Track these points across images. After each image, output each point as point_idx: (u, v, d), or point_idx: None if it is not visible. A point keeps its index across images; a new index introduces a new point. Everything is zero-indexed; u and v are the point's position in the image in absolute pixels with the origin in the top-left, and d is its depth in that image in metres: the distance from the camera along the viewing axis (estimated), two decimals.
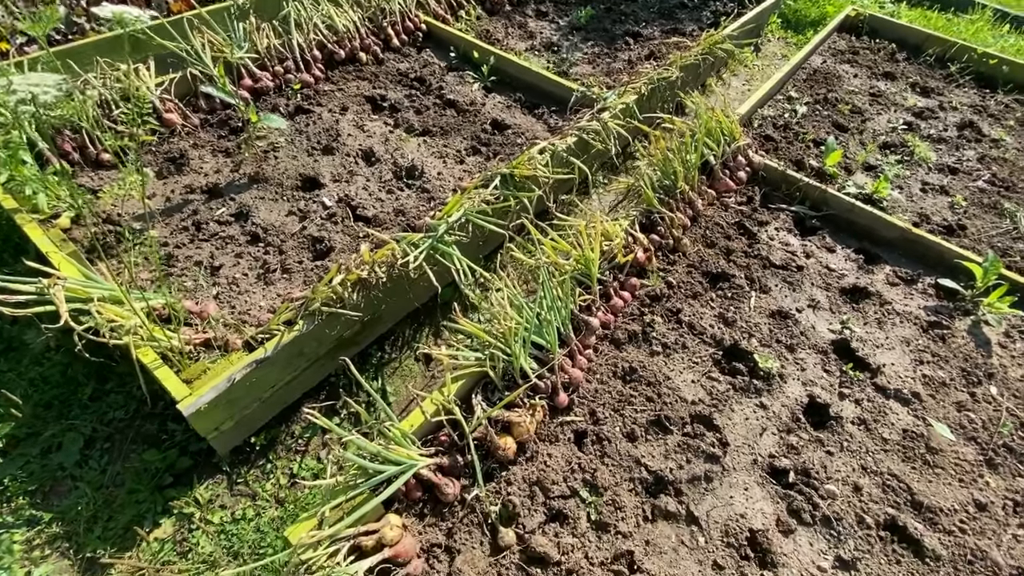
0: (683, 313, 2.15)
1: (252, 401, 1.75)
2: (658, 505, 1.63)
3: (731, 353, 2.06)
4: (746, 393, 1.94)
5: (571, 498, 1.61)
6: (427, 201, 2.53)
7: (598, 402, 1.85)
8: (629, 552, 1.53)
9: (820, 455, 1.80)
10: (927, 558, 1.57)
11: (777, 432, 1.85)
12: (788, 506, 1.67)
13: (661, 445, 1.78)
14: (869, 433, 1.87)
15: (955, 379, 2.04)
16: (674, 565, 1.53)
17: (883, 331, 2.20)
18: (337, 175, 2.61)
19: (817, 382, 2.00)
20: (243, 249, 2.25)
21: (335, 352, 1.97)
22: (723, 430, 1.82)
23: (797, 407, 1.92)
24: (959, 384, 2.03)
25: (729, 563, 1.54)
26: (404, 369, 2.18)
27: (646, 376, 1.93)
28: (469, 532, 1.51)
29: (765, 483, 1.72)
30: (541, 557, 1.46)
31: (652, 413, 1.84)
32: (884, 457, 1.80)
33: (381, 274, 1.88)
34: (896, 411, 1.94)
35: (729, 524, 1.62)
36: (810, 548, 1.59)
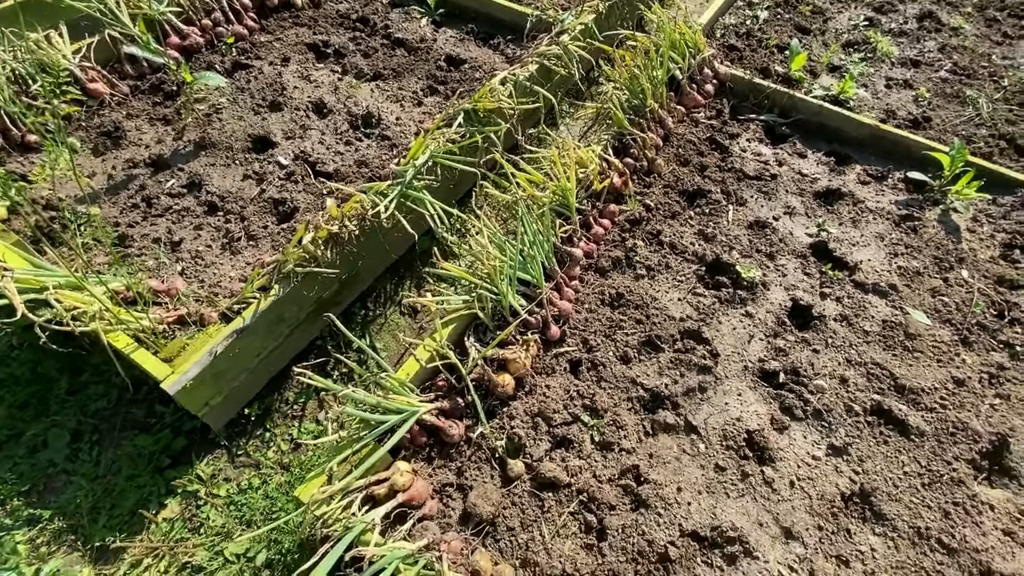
0: (663, 234, 2.14)
1: (239, 373, 1.70)
2: (657, 420, 1.67)
3: (714, 268, 2.08)
4: (731, 304, 1.97)
5: (573, 424, 1.64)
6: (389, 149, 2.41)
7: (589, 330, 1.86)
8: (634, 466, 1.58)
9: (807, 354, 1.85)
10: (912, 435, 1.66)
11: (764, 337, 1.89)
12: (780, 405, 1.73)
13: (654, 363, 1.81)
14: (851, 328, 1.93)
15: (928, 267, 2.10)
16: (678, 472, 1.59)
17: (858, 229, 2.24)
18: (289, 132, 2.45)
19: (798, 286, 2.04)
20: (202, 220, 2.12)
21: (316, 315, 1.91)
22: (712, 342, 1.86)
23: (781, 311, 1.96)
24: (932, 271, 2.09)
25: (730, 464, 1.61)
26: (390, 324, 2.14)
27: (633, 300, 1.94)
28: (479, 468, 1.53)
29: (757, 386, 1.78)
30: (551, 482, 1.49)
31: (643, 334, 1.86)
32: (867, 348, 1.87)
33: (353, 227, 1.80)
34: (875, 304, 1.99)
35: (726, 429, 1.67)
36: (804, 440, 1.67)
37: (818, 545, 1.48)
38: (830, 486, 1.58)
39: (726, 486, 1.57)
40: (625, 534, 1.45)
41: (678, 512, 1.51)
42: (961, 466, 1.61)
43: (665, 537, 1.46)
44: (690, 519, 1.50)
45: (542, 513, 1.47)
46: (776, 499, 1.55)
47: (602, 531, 1.46)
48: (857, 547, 1.48)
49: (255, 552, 1.55)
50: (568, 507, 1.48)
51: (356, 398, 1.34)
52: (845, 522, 1.51)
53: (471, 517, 1.41)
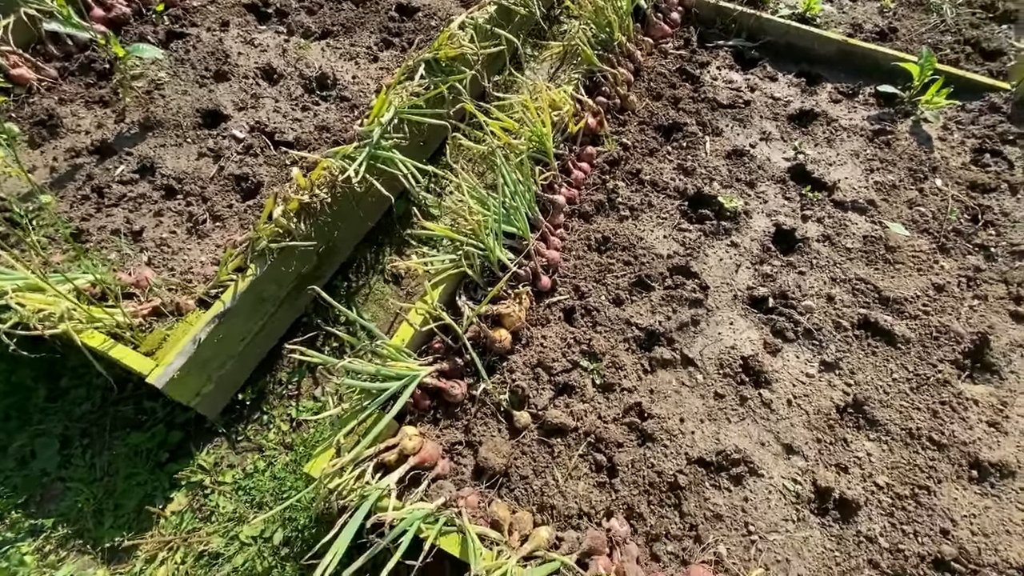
0: (643, 172, 2.10)
1: (226, 359, 1.65)
2: (654, 357, 1.69)
3: (696, 201, 2.06)
4: (716, 236, 1.97)
5: (573, 370, 1.64)
6: (350, 111, 2.29)
7: (579, 277, 1.84)
8: (637, 404, 1.60)
9: (793, 277, 1.88)
10: (899, 343, 1.72)
11: (751, 265, 1.91)
12: (772, 329, 1.76)
13: (646, 302, 1.81)
14: (834, 247, 1.95)
15: (903, 180, 2.13)
16: (679, 405, 1.62)
17: (833, 149, 2.23)
18: (240, 102, 2.30)
19: (780, 211, 2.05)
20: (161, 206, 2.00)
21: (299, 291, 1.85)
22: (701, 275, 1.86)
23: (765, 238, 1.96)
24: (907, 183, 2.12)
25: (728, 391, 1.64)
26: (376, 294, 2.09)
27: (620, 242, 1.92)
28: (485, 424, 1.53)
29: (748, 314, 1.80)
30: (558, 428, 1.51)
31: (632, 275, 1.85)
32: (850, 265, 1.90)
33: (324, 196, 1.72)
34: (855, 221, 2.02)
35: (722, 358, 1.70)
36: (797, 360, 1.71)
37: (818, 457, 1.54)
38: (825, 400, 1.63)
39: (726, 412, 1.61)
40: (635, 469, 1.48)
41: (683, 442, 1.55)
42: (946, 367, 1.67)
43: (673, 467, 1.50)
44: (695, 447, 1.54)
45: (553, 459, 1.49)
46: (775, 419, 1.60)
47: (612, 468, 1.49)
48: (854, 454, 1.54)
49: (271, 532, 1.55)
50: (577, 450, 1.50)
51: (355, 368, 1.30)
52: (841, 432, 1.57)
53: (484, 471, 1.42)
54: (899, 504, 1.46)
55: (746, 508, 1.45)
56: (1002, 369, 1.68)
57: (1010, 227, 1.98)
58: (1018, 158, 2.18)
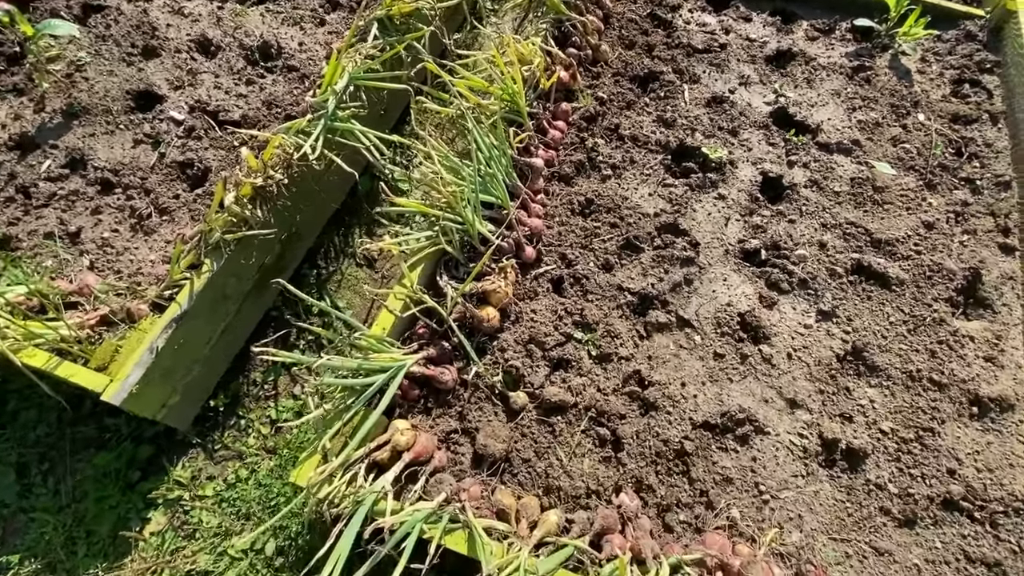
0: (622, 127, 1.98)
1: (190, 364, 1.51)
2: (649, 321, 1.62)
3: (679, 154, 1.96)
4: (702, 190, 1.88)
5: (567, 343, 1.56)
6: (300, 81, 2.09)
7: (565, 244, 1.74)
8: (636, 372, 1.54)
9: (783, 226, 1.81)
10: (893, 285, 1.68)
11: (740, 217, 1.83)
12: (766, 282, 1.71)
13: (637, 265, 1.73)
14: (822, 192, 1.89)
15: (886, 116, 2.06)
16: (679, 368, 1.56)
17: (813, 89, 2.15)
18: (176, 80, 2.08)
19: (765, 158, 1.97)
20: (98, 202, 1.81)
21: (263, 284, 1.70)
22: (690, 232, 1.78)
23: (753, 187, 1.89)
24: (891, 120, 2.06)
25: (728, 350, 1.59)
26: (348, 280, 1.95)
27: (604, 203, 1.81)
28: (480, 408, 1.44)
29: (741, 268, 1.74)
30: (557, 405, 1.43)
31: (620, 238, 1.76)
32: (840, 209, 1.85)
33: (280, 177, 1.56)
34: (841, 163, 1.95)
35: (719, 316, 1.64)
36: (794, 312, 1.66)
37: (822, 408, 1.51)
38: (824, 350, 1.59)
39: (727, 372, 1.56)
40: (640, 440, 1.43)
41: (686, 406, 1.49)
42: (940, 306, 1.65)
43: (679, 433, 1.45)
44: (699, 410, 1.49)
45: (554, 438, 1.42)
46: (776, 374, 1.56)
47: (617, 442, 1.43)
48: (857, 402, 1.52)
49: (262, 543, 1.45)
50: (579, 426, 1.43)
51: (333, 366, 1.19)
52: (843, 381, 1.54)
53: (484, 459, 1.34)
54: (905, 448, 1.45)
55: (755, 468, 1.42)
56: (995, 303, 1.67)
57: (993, 158, 1.95)
58: (996, 87, 2.13)
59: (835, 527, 1.36)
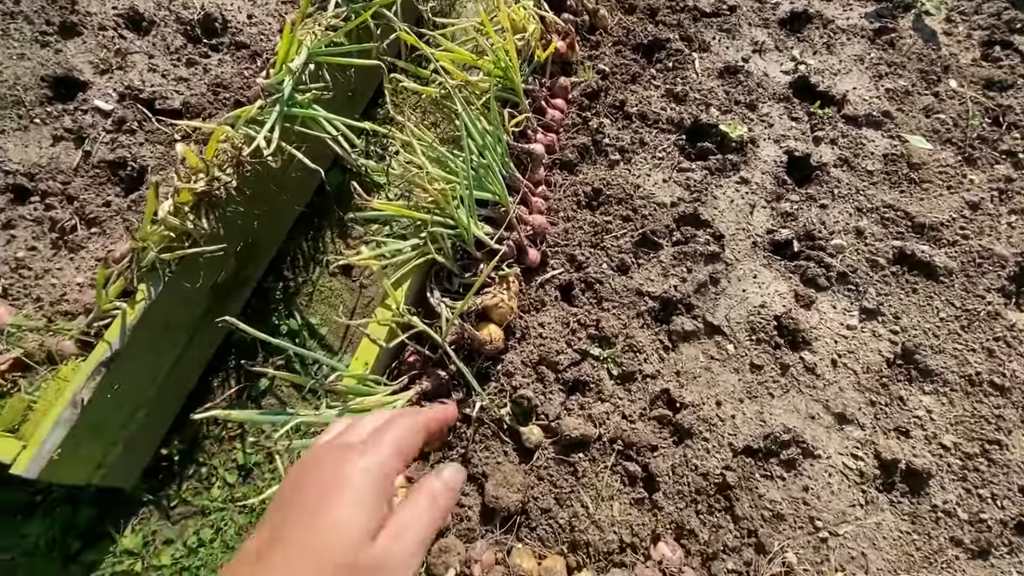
0: (628, 104, 1.74)
1: (132, 411, 1.25)
2: (674, 330, 1.40)
3: (694, 133, 1.73)
4: (723, 173, 1.66)
5: (583, 361, 1.34)
6: (251, 60, 1.78)
7: (572, 243, 1.50)
8: (663, 391, 1.33)
9: (815, 212, 1.61)
10: (940, 276, 1.50)
11: (767, 204, 1.62)
12: (801, 277, 1.51)
13: (655, 264, 1.50)
14: (853, 171, 1.68)
15: (916, 84, 1.86)
16: (712, 384, 1.36)
17: (834, 55, 1.93)
18: (101, 62, 1.75)
19: (789, 135, 1.75)
20: (10, 214, 1.50)
21: (220, 304, 1.43)
22: (713, 222, 1.56)
23: (778, 169, 1.67)
24: (921, 88, 1.85)
25: (765, 359, 1.39)
26: (322, 290, 1.69)
27: (614, 193, 1.58)
28: (487, 448, 1.22)
29: (772, 262, 1.53)
30: (578, 440, 1.22)
31: (635, 233, 1.53)
32: (875, 190, 1.65)
33: (227, 178, 1.28)
34: (871, 138, 1.75)
35: (752, 320, 1.44)
36: (835, 311, 1.47)
37: (875, 423, 1.33)
38: (872, 354, 1.40)
39: (767, 385, 1.36)
40: (676, 475, 1.22)
41: (724, 430, 1.29)
42: (994, 297, 1.47)
43: (718, 463, 1.25)
44: (739, 434, 1.29)
45: (577, 480, 1.20)
46: (822, 385, 1.36)
47: (650, 479, 1.22)
48: (913, 413, 1.34)
49: None
50: (605, 463, 1.22)
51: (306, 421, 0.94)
52: (895, 389, 1.36)
53: (495, 512, 1.13)
54: (970, 465, 1.27)
55: (807, 500, 1.23)
56: None
57: None
58: None
59: (903, 564, 1.18)
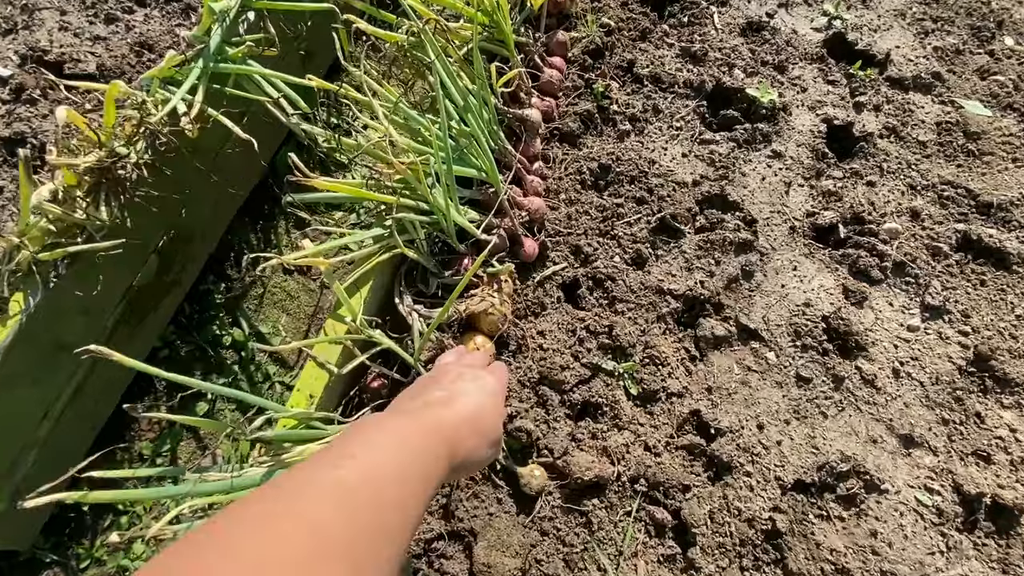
0: (638, 64, 1.46)
1: (16, 455, 0.97)
2: (702, 335, 1.15)
3: (717, 98, 1.46)
4: (752, 146, 1.40)
5: (594, 378, 1.08)
6: (184, 15, 1.48)
7: (577, 232, 1.24)
8: (693, 414, 1.08)
9: (862, 190, 1.36)
10: (1013, 264, 1.25)
11: (805, 181, 1.37)
12: (851, 269, 1.26)
13: (677, 256, 1.24)
14: (903, 142, 1.43)
15: (967, 41, 1.60)
16: (751, 403, 1.11)
17: (871, 9, 1.67)
18: (4, 21, 1.43)
19: (826, 100, 1.49)
20: None
21: (139, 313, 1.15)
22: (743, 204, 1.31)
23: (816, 140, 1.41)
24: (973, 46, 1.60)
25: (814, 370, 1.14)
26: (275, 292, 1.41)
27: (625, 170, 1.31)
28: (476, 496, 0.96)
29: (814, 251, 1.28)
30: (592, 482, 0.96)
31: (651, 218, 1.26)
32: (929, 164, 1.40)
33: (136, 155, 0.99)
34: (920, 103, 1.50)
35: (795, 322, 1.18)
36: (892, 309, 1.22)
37: (949, 446, 1.09)
38: (941, 361, 1.16)
39: (818, 402, 1.11)
40: (715, 523, 0.97)
41: (770, 461, 1.05)
42: None
43: (766, 504, 1.00)
44: (787, 465, 1.04)
45: (591, 534, 0.95)
46: (883, 400, 1.12)
47: (682, 529, 0.97)
48: (993, 433, 1.10)
49: None
50: (625, 508, 0.97)
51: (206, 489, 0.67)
52: (971, 404, 1.12)
53: None
54: None
55: (876, 547, 0.99)
56: None
57: None
58: None
59: None
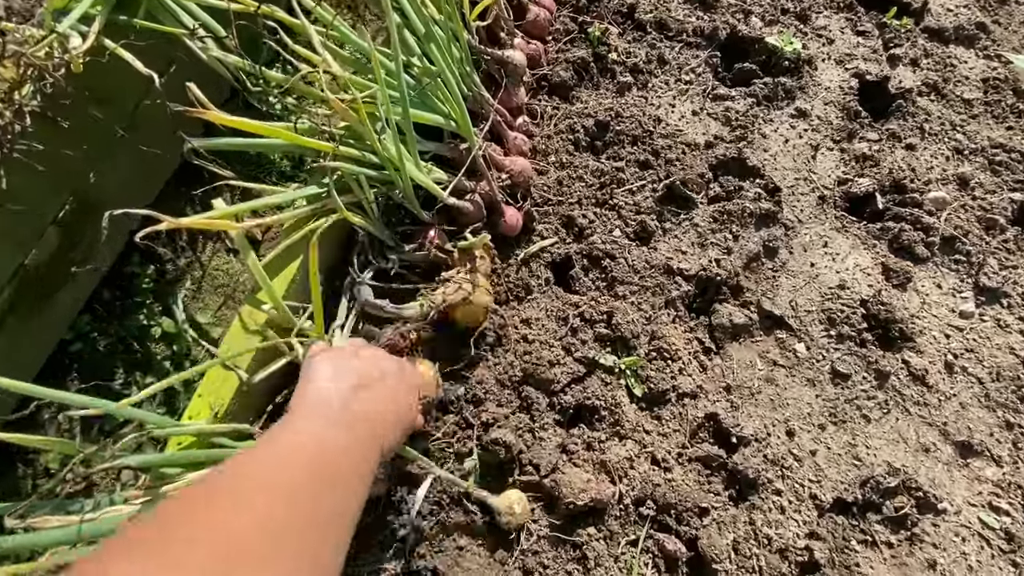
0: (640, 8, 1.26)
1: None
2: (719, 323, 0.96)
3: (731, 49, 1.26)
4: (773, 103, 1.20)
5: (590, 376, 0.89)
6: None
7: (569, 200, 1.03)
8: (710, 418, 0.89)
9: (901, 155, 1.16)
10: None
11: (835, 144, 1.17)
12: (891, 245, 1.07)
13: (688, 229, 1.05)
14: (946, 100, 1.24)
15: None
16: (778, 405, 0.92)
17: None
18: None
19: (856, 53, 1.29)
20: None
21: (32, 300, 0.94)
22: (763, 170, 1.11)
23: (848, 98, 1.22)
24: None
25: (852, 364, 0.95)
26: (215, 275, 1.20)
27: (626, 129, 1.11)
28: (443, 527, 0.76)
29: (848, 225, 1.09)
30: (589, 506, 0.76)
31: (657, 185, 1.07)
32: (976, 126, 1.21)
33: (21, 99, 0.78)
34: (963, 58, 1.30)
35: (828, 307, 1.00)
36: (940, 292, 1.03)
37: (1015, 455, 0.91)
38: (1001, 353, 0.98)
39: (858, 403, 0.93)
40: (741, 556, 0.78)
41: (804, 476, 0.86)
42: None
43: (800, 530, 0.82)
44: (824, 480, 0.86)
45: (587, 572, 0.75)
46: (935, 401, 0.94)
47: (699, 563, 0.78)
48: None
49: None
50: (629, 536, 0.78)
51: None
52: None
53: None
54: None
55: None
56: None
57: None
58: None
59: None
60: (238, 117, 0.65)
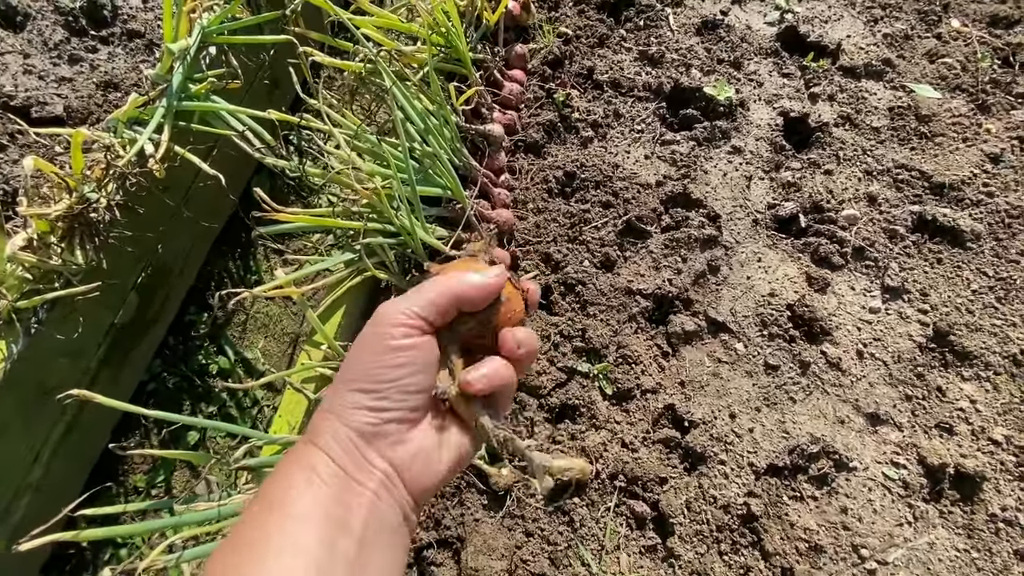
0: (598, 71, 1.50)
1: (10, 500, 0.99)
2: (673, 331, 1.19)
3: (675, 99, 1.50)
4: (712, 143, 1.44)
5: (571, 380, 1.12)
6: (147, 51, 1.49)
7: (546, 239, 1.27)
8: (668, 408, 1.12)
9: (820, 179, 1.40)
10: (967, 242, 1.31)
11: (765, 175, 1.41)
12: (812, 256, 1.30)
13: (645, 256, 1.28)
14: (858, 129, 1.48)
15: (915, 26, 1.66)
16: (723, 394, 1.15)
17: (822, 1, 1.72)
18: None
19: (782, 94, 1.54)
20: None
21: (123, 350, 1.17)
22: (706, 201, 1.35)
23: (774, 133, 1.46)
24: (921, 30, 1.65)
25: (781, 357, 1.18)
26: (257, 318, 1.44)
27: (590, 176, 1.35)
28: (462, 504, 0.99)
29: (777, 242, 1.32)
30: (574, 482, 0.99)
31: (618, 221, 1.30)
32: (883, 149, 1.45)
33: (107, 197, 1.01)
34: (873, 90, 1.55)
35: (761, 312, 1.23)
36: (854, 292, 1.27)
37: (913, 421, 1.14)
38: (902, 340, 1.21)
39: (787, 388, 1.16)
40: (692, 512, 1.01)
41: (743, 448, 1.09)
42: None
43: (741, 490, 1.04)
44: (759, 451, 1.09)
45: (574, 531, 0.98)
46: (848, 381, 1.17)
47: (661, 520, 1.01)
48: (955, 405, 1.15)
49: None
50: (606, 504, 1.01)
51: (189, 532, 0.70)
52: (933, 379, 1.17)
53: None
54: None
55: (847, 523, 1.04)
56: None
57: None
58: None
59: None
60: (297, 210, 0.89)
